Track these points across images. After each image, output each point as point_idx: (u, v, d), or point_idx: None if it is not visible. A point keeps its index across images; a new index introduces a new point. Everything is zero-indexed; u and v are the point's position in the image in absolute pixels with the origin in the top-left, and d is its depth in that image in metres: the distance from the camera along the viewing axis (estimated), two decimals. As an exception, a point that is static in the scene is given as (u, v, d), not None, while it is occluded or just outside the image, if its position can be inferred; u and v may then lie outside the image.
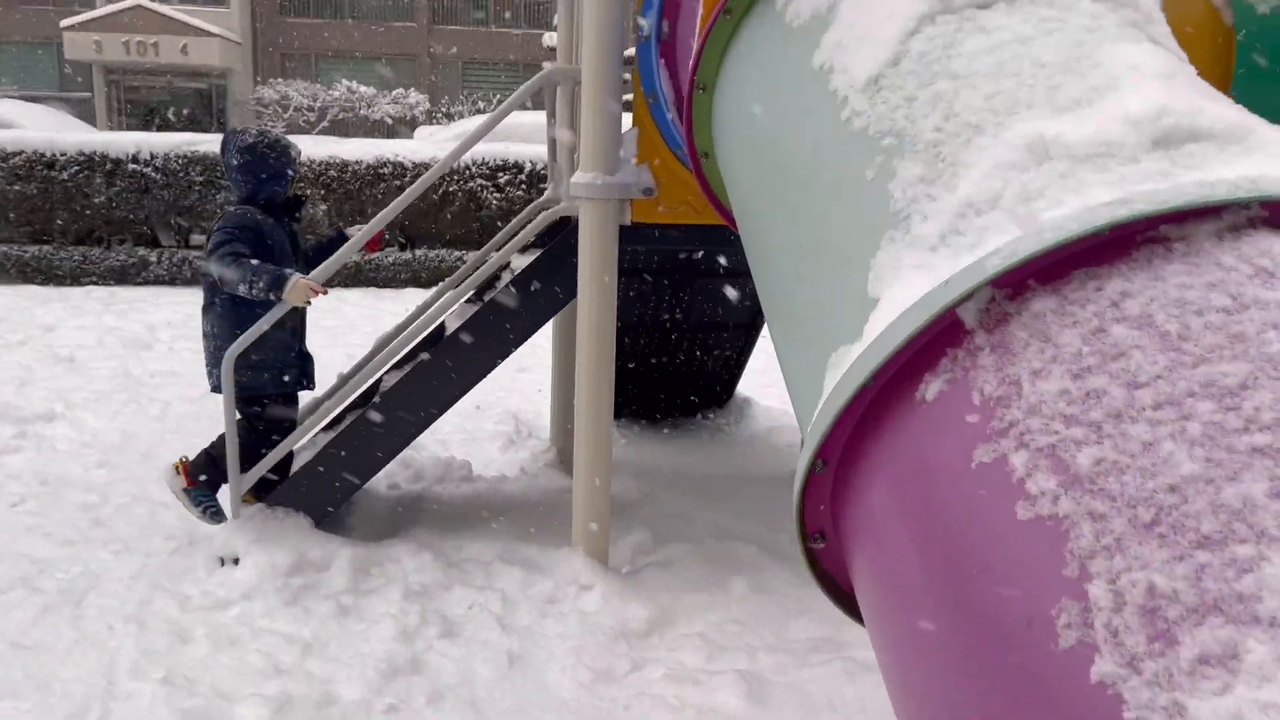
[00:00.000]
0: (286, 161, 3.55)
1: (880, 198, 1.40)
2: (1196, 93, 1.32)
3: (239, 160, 3.49)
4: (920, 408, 1.18)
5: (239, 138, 3.54)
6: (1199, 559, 0.87)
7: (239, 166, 3.49)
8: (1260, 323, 0.99)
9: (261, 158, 3.50)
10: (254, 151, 3.50)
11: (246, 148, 3.50)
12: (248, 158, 3.49)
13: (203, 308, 3.55)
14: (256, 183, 3.50)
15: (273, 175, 3.50)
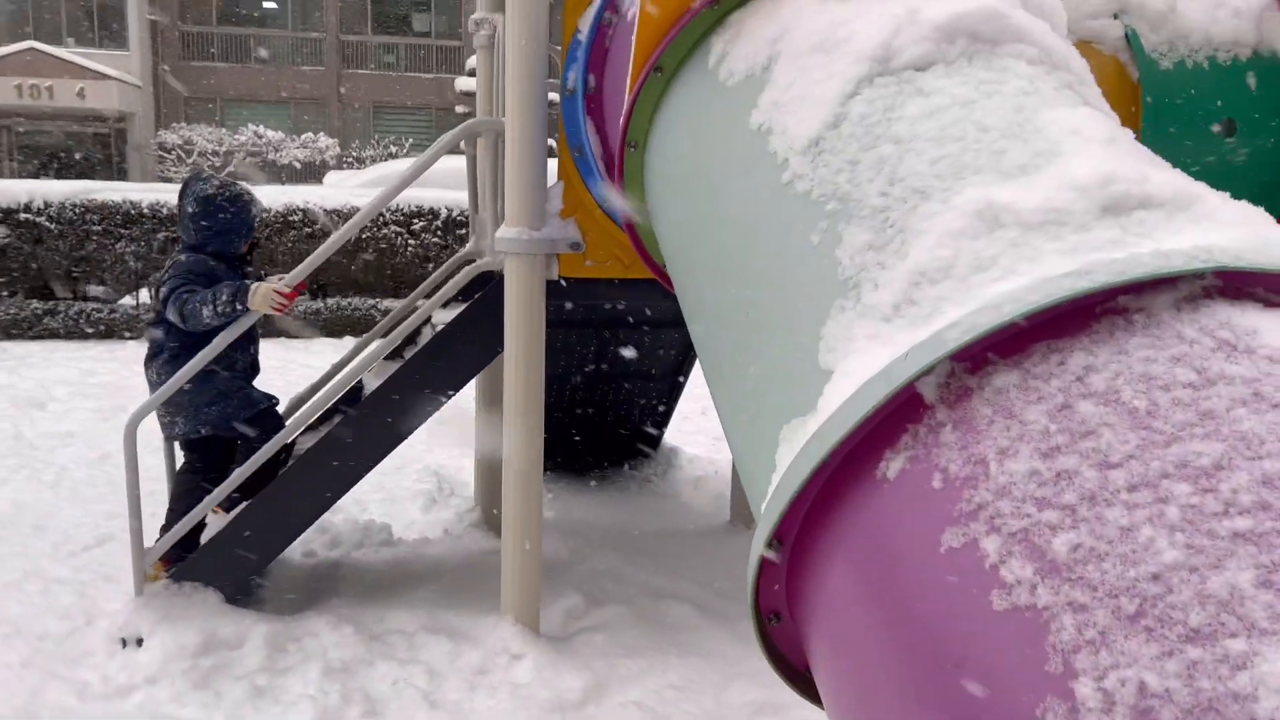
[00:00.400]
0: (244, 219, 3.46)
1: (827, 264, 1.37)
2: (1140, 158, 1.32)
3: (194, 209, 3.40)
4: (881, 486, 1.14)
5: (199, 186, 3.45)
6: (1190, 655, 0.83)
7: (192, 215, 3.40)
8: (1229, 399, 0.97)
9: (216, 209, 3.41)
10: (210, 203, 3.41)
11: (204, 198, 3.42)
12: (203, 208, 3.41)
13: (147, 358, 3.43)
14: (208, 235, 3.41)
15: (225, 230, 3.43)
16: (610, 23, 2.53)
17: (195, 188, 3.46)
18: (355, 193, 11.05)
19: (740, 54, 1.79)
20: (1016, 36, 1.54)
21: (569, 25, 2.87)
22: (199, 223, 3.40)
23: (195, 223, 3.41)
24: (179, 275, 3.30)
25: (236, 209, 3.45)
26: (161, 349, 3.40)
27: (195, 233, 3.42)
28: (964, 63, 1.52)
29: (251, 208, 3.51)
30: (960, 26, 1.53)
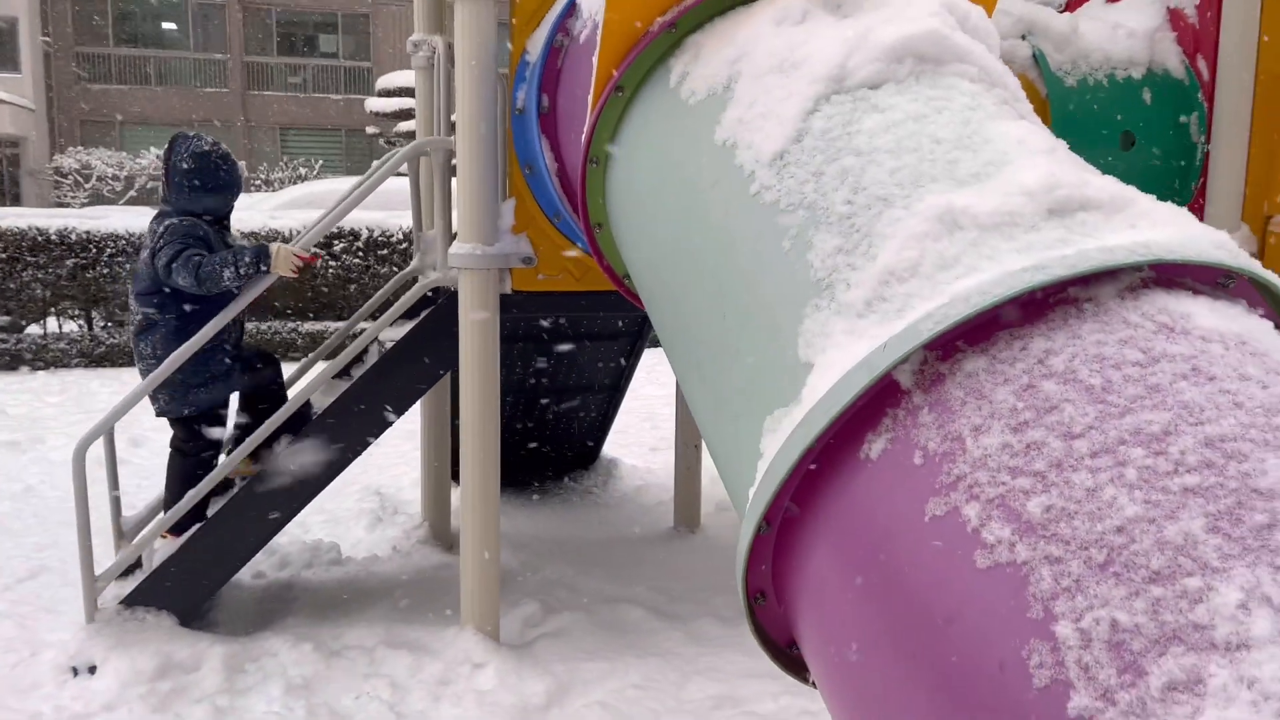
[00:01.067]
0: (237, 176, 3.44)
1: (800, 267, 1.48)
2: (1079, 166, 1.47)
3: (187, 165, 3.32)
4: (866, 466, 1.25)
5: (192, 142, 3.38)
6: (1154, 593, 0.95)
7: (186, 172, 3.32)
8: (1172, 374, 1.10)
9: (213, 169, 3.36)
10: (207, 159, 3.35)
11: (200, 154, 3.35)
12: (199, 164, 3.34)
13: (138, 331, 3.35)
14: (201, 193, 3.35)
15: (219, 188, 3.37)
16: (562, 45, 2.63)
17: (188, 144, 3.38)
18: (273, 215, 10.88)
19: (701, 74, 1.90)
20: (958, 57, 1.69)
21: (517, 47, 2.96)
22: (193, 180, 3.33)
23: (189, 180, 3.33)
24: (179, 238, 3.22)
25: (229, 166, 3.42)
26: (155, 323, 3.32)
27: (189, 191, 3.34)
28: (913, 81, 1.65)
29: (239, 169, 3.49)
30: (907, 48, 1.66)
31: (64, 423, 6.81)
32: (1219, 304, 1.22)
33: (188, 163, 3.35)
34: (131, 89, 26.77)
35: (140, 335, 3.38)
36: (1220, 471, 1.00)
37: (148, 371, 3.32)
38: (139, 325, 3.38)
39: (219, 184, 3.38)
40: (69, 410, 7.32)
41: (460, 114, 2.95)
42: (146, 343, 3.35)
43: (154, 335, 3.34)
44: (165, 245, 3.24)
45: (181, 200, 3.37)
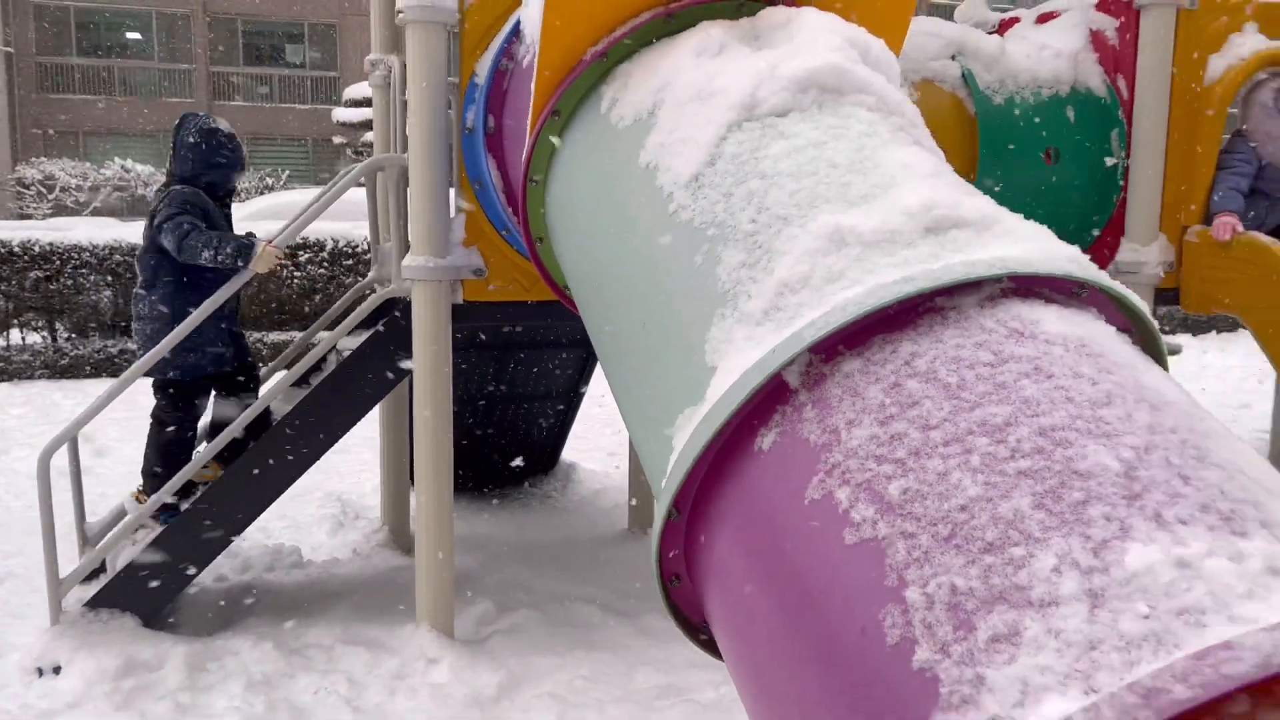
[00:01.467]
0: (240, 156, 3.67)
1: (710, 280, 1.63)
2: (956, 188, 1.63)
3: (194, 139, 3.55)
4: (759, 457, 1.40)
5: (200, 120, 3.62)
6: (986, 561, 1.10)
7: (192, 145, 3.55)
8: (1016, 372, 1.26)
9: (218, 146, 3.59)
10: (213, 137, 3.60)
11: (207, 130, 3.59)
12: (205, 140, 3.57)
13: (140, 290, 3.52)
14: (204, 167, 3.56)
15: (222, 164, 3.60)
16: (507, 69, 2.77)
17: (197, 121, 3.63)
18: (239, 226, 10.89)
19: (628, 101, 2.05)
20: (858, 88, 1.84)
21: (466, 69, 3.09)
22: (198, 152, 3.56)
23: (195, 153, 3.56)
24: (177, 203, 3.43)
25: (234, 146, 3.64)
26: (152, 284, 3.51)
27: (192, 163, 3.57)
28: (815, 110, 1.80)
29: (244, 149, 3.73)
30: (812, 80, 1.81)
31: (28, 434, 6.84)
32: (1068, 311, 1.38)
33: (194, 137, 3.58)
34: (94, 99, 26.59)
35: (138, 295, 3.57)
36: (1049, 456, 1.16)
37: (143, 330, 3.52)
38: (142, 281, 3.59)
39: (222, 161, 3.62)
40: (33, 422, 7.34)
41: (412, 132, 3.08)
42: (144, 302, 3.54)
43: (151, 295, 3.53)
44: (164, 207, 3.46)
45: (185, 171, 3.60)
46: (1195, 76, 3.86)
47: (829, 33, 1.90)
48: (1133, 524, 1.07)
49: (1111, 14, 3.99)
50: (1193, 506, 1.07)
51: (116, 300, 9.60)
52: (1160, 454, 1.15)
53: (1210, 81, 3.84)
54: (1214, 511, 1.07)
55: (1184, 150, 3.88)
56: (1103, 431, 1.17)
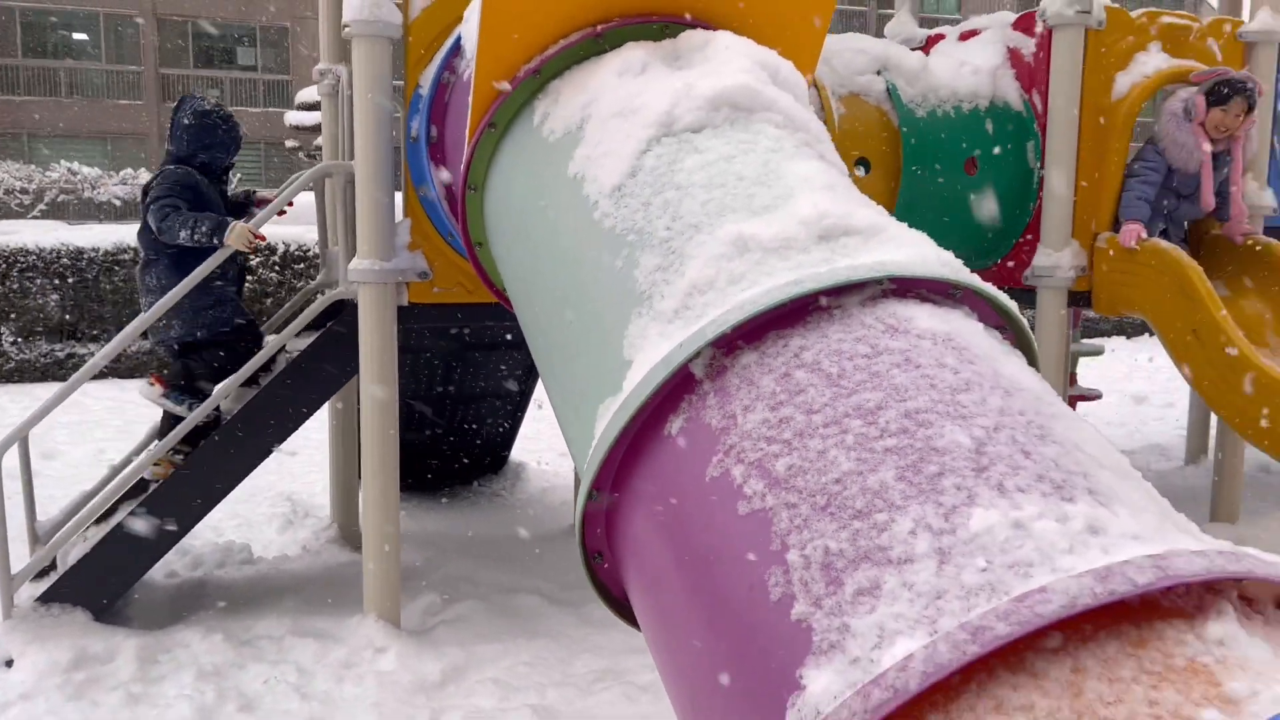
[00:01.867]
0: (234, 136, 3.79)
1: (629, 282, 1.78)
2: (849, 199, 1.79)
3: (189, 121, 3.69)
4: (668, 441, 1.54)
5: (196, 102, 3.76)
6: (855, 526, 1.26)
7: (187, 127, 3.69)
8: (889, 363, 1.42)
9: (212, 127, 3.74)
10: (207, 117, 3.75)
11: (201, 112, 3.73)
12: (198, 121, 3.72)
13: (142, 266, 3.69)
14: (198, 147, 3.70)
15: (216, 144, 3.73)
16: (449, 81, 2.90)
17: (192, 103, 3.77)
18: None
19: (559, 116, 2.19)
20: (767, 106, 2.00)
21: (410, 81, 3.21)
22: (193, 133, 3.70)
23: (189, 134, 3.70)
24: (167, 186, 3.57)
25: (229, 127, 3.77)
26: (154, 259, 3.66)
27: (187, 143, 3.70)
28: (727, 127, 1.96)
29: (239, 129, 3.86)
30: (724, 99, 1.97)
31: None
32: (940, 310, 1.55)
33: (189, 119, 3.72)
34: (40, 100, 26.13)
35: (144, 270, 3.73)
36: (912, 436, 1.32)
37: (149, 303, 3.66)
38: (144, 258, 3.75)
39: (216, 141, 3.76)
40: (-22, 425, 7.29)
41: (358, 142, 3.19)
42: (151, 275, 3.70)
43: (156, 268, 3.68)
44: (156, 187, 3.61)
45: (180, 151, 3.73)
46: (1104, 92, 4.09)
47: (741, 55, 2.06)
48: (978, 492, 1.23)
49: (1027, 33, 4.22)
50: (1030, 477, 1.24)
51: (64, 304, 9.53)
52: (1007, 433, 1.31)
53: (1117, 97, 4.08)
54: (1048, 481, 1.23)
55: (1094, 161, 4.11)
56: (959, 414, 1.33)
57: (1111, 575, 1.04)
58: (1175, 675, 1.00)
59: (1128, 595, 1.02)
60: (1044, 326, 4.15)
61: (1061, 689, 1.01)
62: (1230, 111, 3.96)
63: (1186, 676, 1.00)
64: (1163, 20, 4.20)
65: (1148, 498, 1.31)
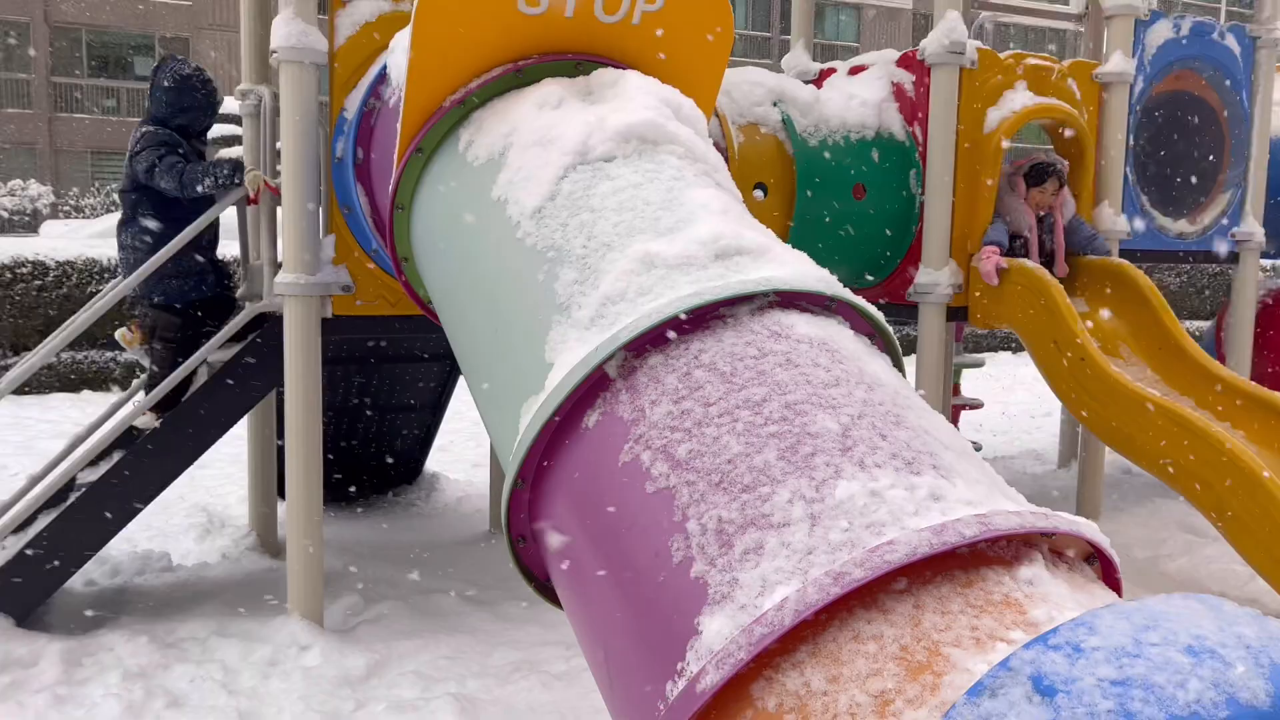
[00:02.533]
0: (213, 100, 3.87)
1: (549, 294, 1.99)
2: (742, 223, 2.04)
3: (170, 84, 3.77)
4: (585, 434, 1.76)
5: (176, 64, 3.84)
6: (743, 499, 1.49)
7: (168, 89, 3.77)
8: (772, 363, 1.66)
9: (191, 89, 3.83)
10: (186, 82, 3.84)
11: (182, 76, 3.82)
12: (177, 83, 3.81)
13: (122, 223, 3.75)
14: (177, 109, 3.79)
15: (194, 107, 3.81)
16: (374, 107, 3.07)
17: (172, 65, 3.85)
18: (89, 244, 10.62)
19: (482, 143, 2.39)
20: (670, 139, 2.24)
21: (335, 104, 3.37)
22: (172, 95, 3.78)
23: (168, 96, 3.78)
24: (156, 144, 3.66)
25: (208, 90, 3.86)
26: (136, 215, 3.73)
27: (166, 105, 3.79)
28: (636, 157, 2.19)
29: (218, 93, 3.94)
30: (633, 132, 2.20)
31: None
32: (817, 318, 1.80)
33: (168, 81, 3.81)
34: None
35: (123, 227, 3.80)
36: (790, 423, 1.55)
37: (127, 260, 3.74)
38: (121, 219, 3.81)
39: (195, 104, 3.85)
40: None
41: (285, 162, 3.33)
42: (127, 233, 3.77)
43: (134, 227, 3.76)
44: (143, 150, 3.69)
45: (160, 113, 3.81)
46: (977, 125, 4.46)
47: (648, 93, 2.30)
48: (844, 468, 1.47)
49: (909, 70, 4.57)
50: (886, 455, 1.49)
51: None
52: (869, 420, 1.56)
53: (989, 130, 4.46)
54: (900, 459, 1.49)
55: (968, 188, 4.48)
56: (830, 405, 1.58)
57: (945, 530, 1.29)
58: (993, 607, 1.26)
59: (958, 545, 1.28)
60: (925, 338, 4.49)
61: (905, 620, 1.25)
62: (1046, 190, 4.54)
63: (1001, 608, 1.26)
64: (1028, 61, 4.61)
65: (982, 472, 1.58)
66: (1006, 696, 1.04)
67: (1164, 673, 0.98)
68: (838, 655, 1.25)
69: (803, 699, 1.23)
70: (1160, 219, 5.23)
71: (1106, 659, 1.02)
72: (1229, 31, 5.29)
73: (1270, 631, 1.04)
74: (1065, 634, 1.07)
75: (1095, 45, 5.37)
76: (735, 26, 13.04)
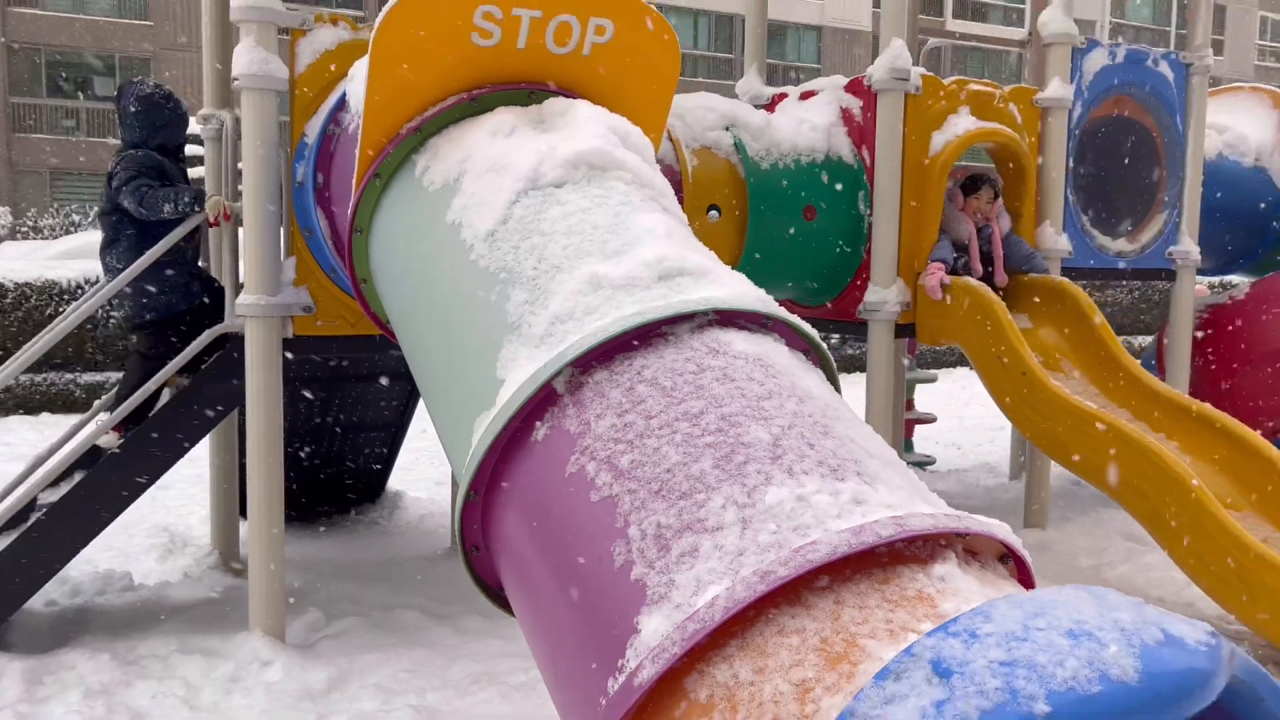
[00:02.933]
0: (181, 114, 3.92)
1: (500, 314, 2.08)
2: (685, 245, 2.14)
3: (135, 108, 3.82)
4: (535, 446, 1.84)
5: (136, 87, 3.89)
6: (680, 505, 1.58)
7: (135, 114, 3.83)
8: (710, 378, 1.76)
9: (157, 107, 3.87)
10: (150, 100, 3.89)
11: (143, 97, 3.86)
12: (145, 106, 3.86)
13: (104, 245, 3.79)
14: (151, 129, 3.85)
15: (166, 124, 3.86)
16: (334, 133, 3.15)
17: (133, 89, 3.90)
18: (49, 265, 10.54)
19: (438, 169, 2.48)
20: (618, 166, 2.34)
21: (296, 130, 3.45)
22: (142, 117, 3.83)
23: (139, 119, 3.83)
24: (132, 168, 3.71)
25: (173, 104, 3.90)
26: (116, 239, 3.78)
27: (140, 129, 3.84)
28: (585, 183, 2.29)
29: (184, 105, 4.00)
30: (582, 159, 2.30)
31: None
32: (753, 336, 1.90)
33: (135, 105, 3.86)
34: (-124, 127, 24.67)
35: (105, 248, 3.86)
36: (725, 434, 1.65)
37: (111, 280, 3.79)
38: (105, 239, 3.87)
39: (166, 121, 3.91)
40: None
41: (246, 186, 3.40)
42: (111, 254, 3.83)
43: (117, 249, 3.81)
44: (120, 171, 3.75)
45: (135, 138, 3.87)
46: (922, 149, 4.62)
47: (597, 122, 2.40)
48: (773, 475, 1.57)
49: (857, 95, 4.72)
50: (813, 463, 1.59)
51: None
52: (798, 431, 1.67)
53: (933, 153, 4.61)
54: (826, 466, 1.59)
55: (915, 209, 4.63)
56: (762, 416, 1.68)
57: (864, 531, 1.39)
58: (907, 602, 1.36)
59: (875, 545, 1.37)
60: (874, 354, 4.62)
61: (826, 615, 1.35)
62: (982, 198, 4.72)
63: (915, 602, 1.36)
64: (971, 87, 4.78)
65: (905, 478, 1.68)
66: (909, 679, 1.13)
67: (1046, 654, 1.08)
68: (764, 648, 1.34)
69: (731, 689, 1.33)
70: (1100, 238, 5.42)
71: (998, 643, 1.12)
72: (1163, 58, 5.51)
73: (1145, 617, 1.14)
74: (964, 622, 1.17)
75: (1041, 69, 5.56)
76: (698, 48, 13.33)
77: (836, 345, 12.99)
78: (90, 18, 26.59)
